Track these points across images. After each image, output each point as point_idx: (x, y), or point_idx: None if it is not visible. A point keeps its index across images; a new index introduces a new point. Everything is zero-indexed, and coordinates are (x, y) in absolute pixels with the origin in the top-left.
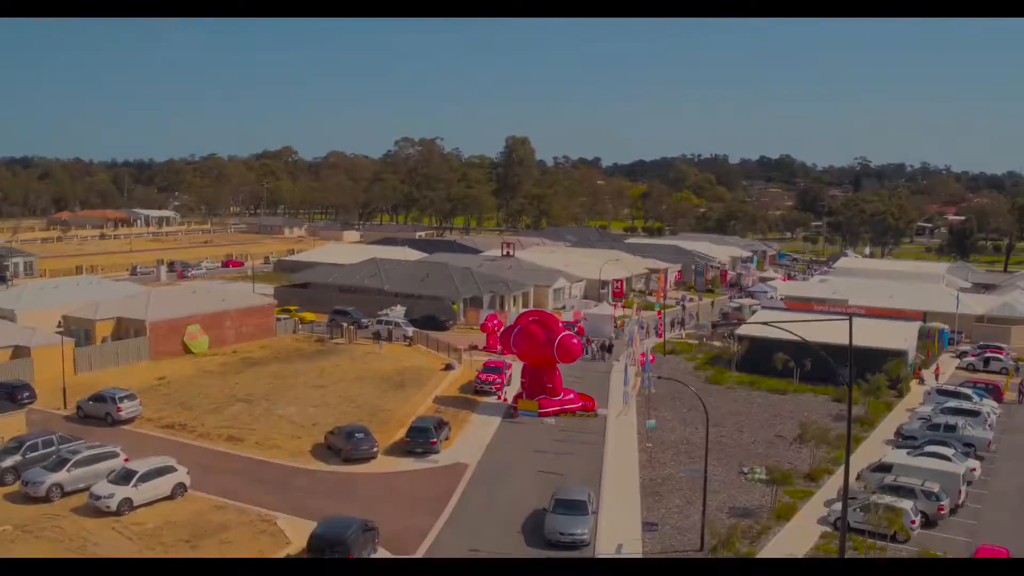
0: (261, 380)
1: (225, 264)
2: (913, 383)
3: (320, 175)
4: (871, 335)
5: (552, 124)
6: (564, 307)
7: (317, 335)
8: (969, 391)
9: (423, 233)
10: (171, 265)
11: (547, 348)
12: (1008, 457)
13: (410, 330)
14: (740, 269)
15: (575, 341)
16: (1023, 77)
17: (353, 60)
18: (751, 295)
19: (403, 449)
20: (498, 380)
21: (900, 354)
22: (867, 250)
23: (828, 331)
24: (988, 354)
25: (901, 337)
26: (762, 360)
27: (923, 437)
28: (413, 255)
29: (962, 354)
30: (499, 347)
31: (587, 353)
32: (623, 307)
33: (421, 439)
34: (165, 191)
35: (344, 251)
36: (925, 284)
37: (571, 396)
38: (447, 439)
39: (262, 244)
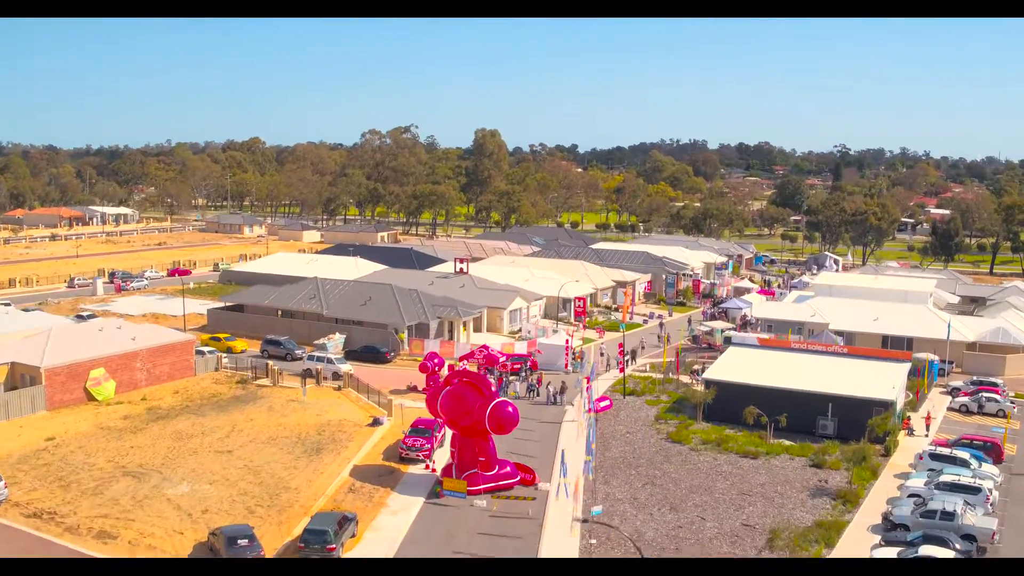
0: (161, 442)
1: (171, 273)
2: (901, 434)
3: (285, 168)
4: (854, 381)
5: (530, 111)
6: (520, 330)
7: (240, 374)
8: (966, 455)
9: (384, 235)
10: (111, 276)
11: (478, 416)
12: (1015, 546)
13: (343, 367)
14: (714, 277)
15: (510, 410)
16: (1001, 63)
17: (334, 45)
18: (724, 312)
19: (298, 554)
20: (426, 445)
21: (887, 405)
22: (848, 255)
23: (806, 377)
24: (982, 392)
25: (888, 384)
26: (733, 408)
27: (916, 526)
28: (364, 267)
29: (954, 391)
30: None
31: (537, 394)
32: (584, 326)
33: (317, 544)
34: (128, 185)
35: (292, 262)
36: (912, 305)
37: (507, 470)
38: (354, 536)
39: (218, 246)
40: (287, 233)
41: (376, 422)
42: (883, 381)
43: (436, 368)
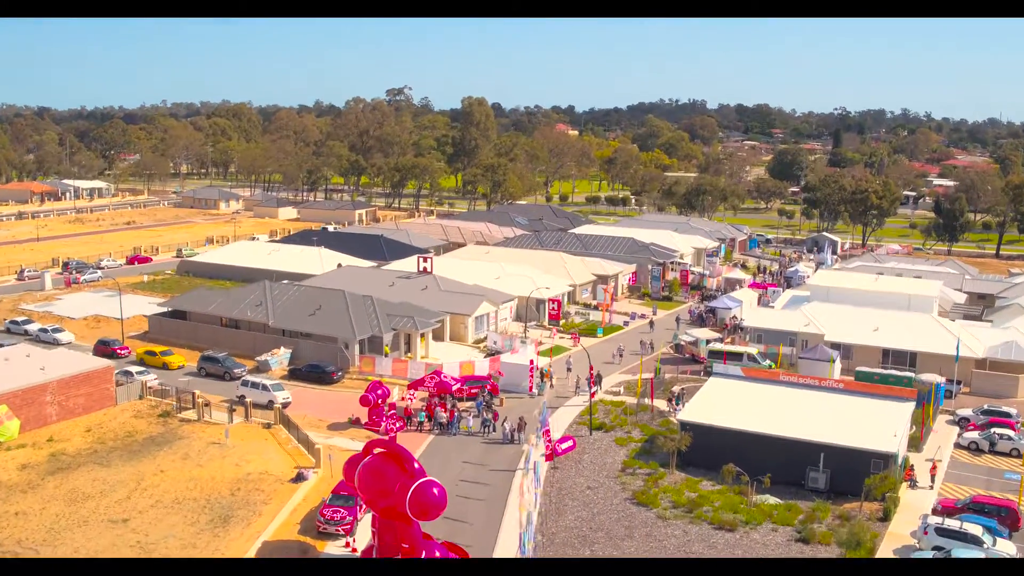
0: (52, 506)
1: (130, 261)
2: (903, 487)
3: (265, 137)
4: (851, 426)
5: (528, 70)
6: (485, 339)
7: (165, 404)
8: (978, 528)
9: (363, 212)
10: (65, 266)
11: (399, 498)
12: None
13: (280, 395)
14: (705, 266)
15: (436, 492)
16: (1002, 23)
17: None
18: (712, 311)
19: None
20: (348, 517)
21: (887, 458)
22: (848, 243)
23: (795, 419)
24: (994, 425)
25: (889, 430)
26: (711, 455)
27: None
28: (328, 260)
29: (961, 421)
30: (383, 427)
31: (493, 429)
32: (556, 332)
33: None
34: (112, 152)
35: (253, 252)
36: (916, 315)
37: (436, 555)
38: None
39: (189, 224)
40: (262, 210)
41: (300, 477)
42: (883, 426)
43: (380, 400)
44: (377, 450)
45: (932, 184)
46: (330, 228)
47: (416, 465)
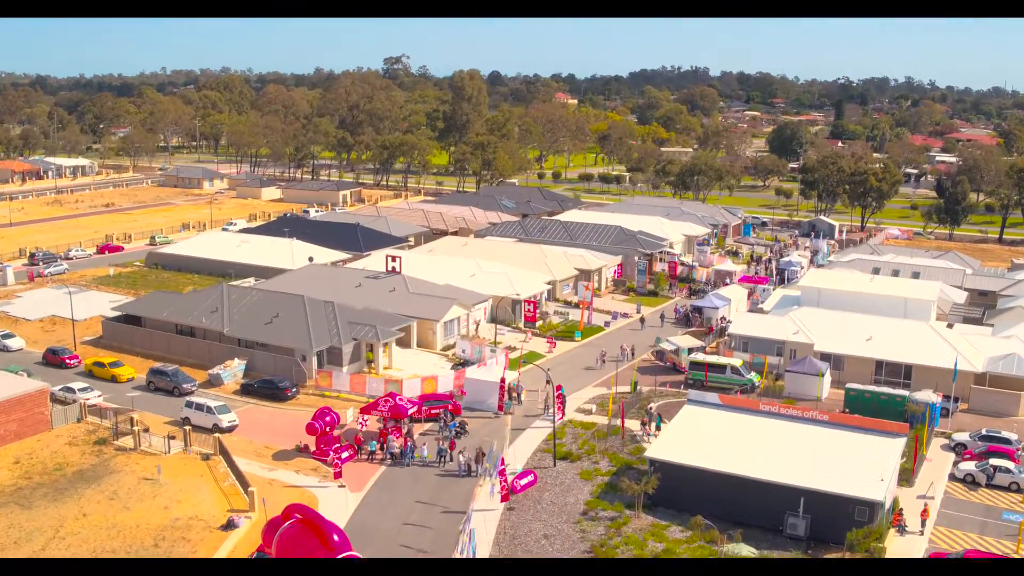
0: None
1: (101, 250)
2: (891, 533)
3: (252, 114)
4: (834, 467)
5: (529, 37)
6: (454, 346)
7: (103, 431)
8: None
9: (348, 193)
10: (31, 257)
11: None
12: None
13: (226, 419)
14: (695, 255)
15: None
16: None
17: None
18: (699, 310)
19: None
20: None
21: (872, 506)
22: (846, 227)
23: (774, 458)
24: (992, 453)
25: (876, 472)
26: (681, 495)
27: None
28: (299, 253)
29: (958, 447)
30: (331, 459)
31: (450, 459)
32: (530, 336)
33: None
34: (102, 127)
35: (222, 244)
36: (912, 323)
37: None
38: None
39: (169, 207)
40: (245, 190)
41: (230, 524)
42: (870, 468)
43: (328, 428)
44: (297, 515)
45: (935, 160)
46: (312, 212)
47: (336, 537)
